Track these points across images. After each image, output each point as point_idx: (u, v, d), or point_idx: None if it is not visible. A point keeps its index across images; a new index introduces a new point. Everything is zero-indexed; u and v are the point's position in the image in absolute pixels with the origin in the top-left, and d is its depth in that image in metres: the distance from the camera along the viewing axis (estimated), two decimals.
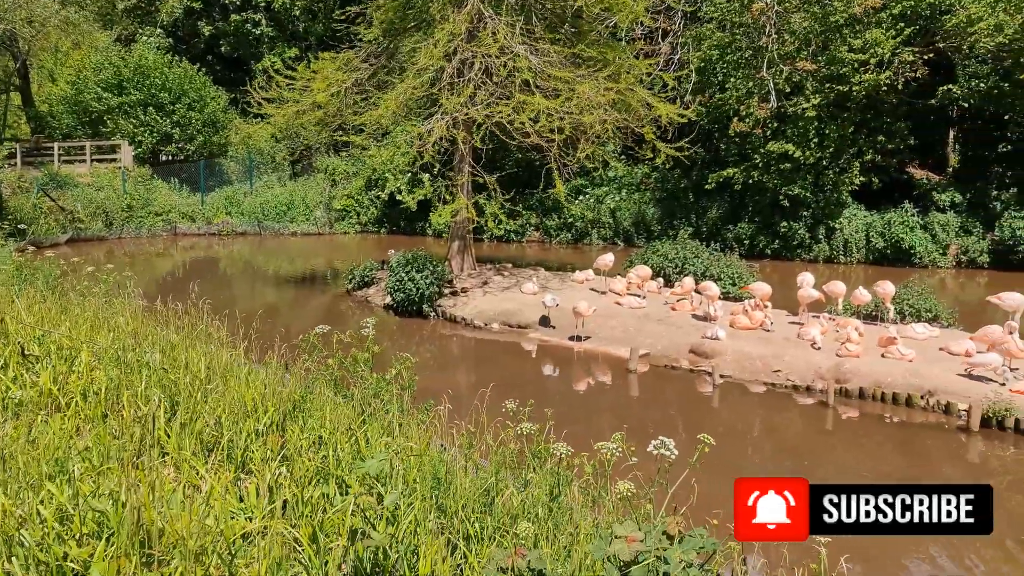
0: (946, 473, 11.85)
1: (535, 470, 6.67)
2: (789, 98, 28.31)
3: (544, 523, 5.40)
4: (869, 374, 14.82)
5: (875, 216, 28.62)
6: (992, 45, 26.91)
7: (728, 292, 20.98)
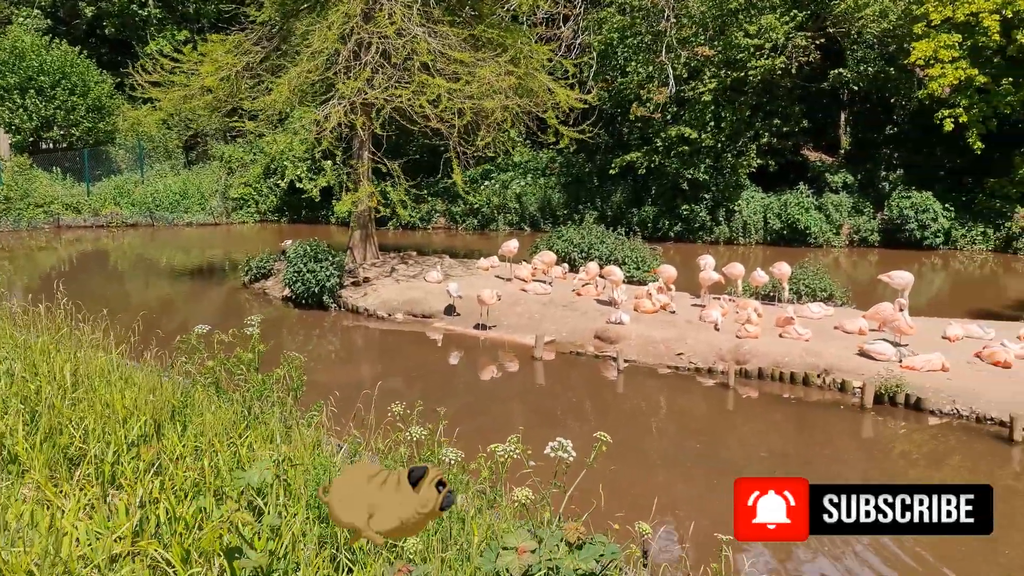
0: (841, 450, 12.12)
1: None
2: (687, 82, 28.68)
3: (434, 534, 5.10)
4: (768, 354, 15.08)
5: (772, 198, 29.34)
6: (878, 30, 27.88)
7: (632, 276, 21.08)
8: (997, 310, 19.34)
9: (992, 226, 26.83)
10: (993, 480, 11.01)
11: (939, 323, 16.14)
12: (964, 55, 25.59)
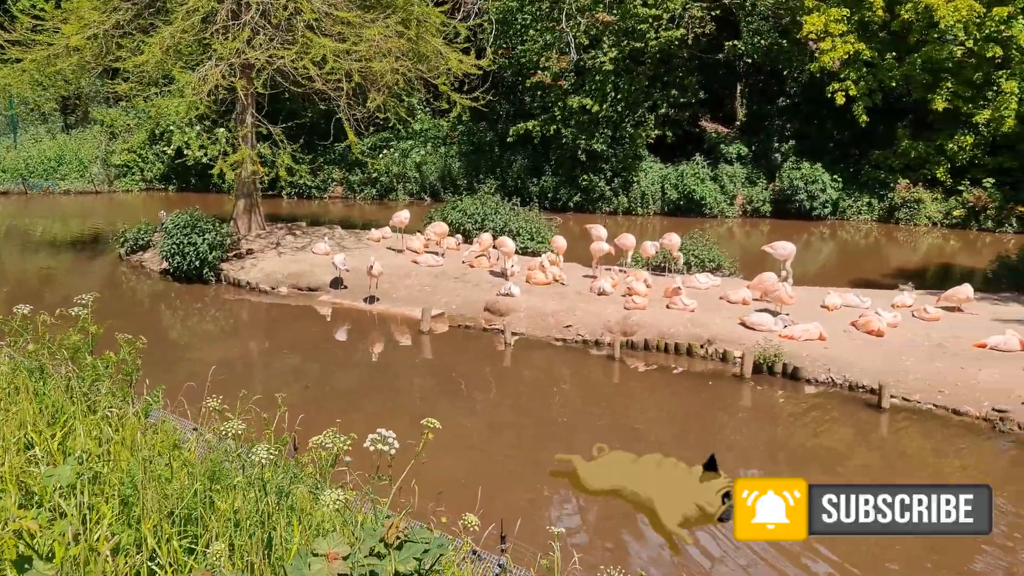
0: (720, 419, 12.20)
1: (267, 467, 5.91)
2: (587, 51, 28.46)
3: (251, 536, 4.67)
4: (654, 325, 15.09)
5: (670, 168, 29.55)
6: (771, 3, 28.21)
7: (527, 247, 20.86)
8: (877, 279, 19.93)
9: (876, 197, 27.69)
10: (857, 447, 11.27)
11: (819, 292, 16.47)
12: (852, 29, 26.15)
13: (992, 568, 8.35)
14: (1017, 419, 11.27)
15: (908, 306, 15.38)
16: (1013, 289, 17.00)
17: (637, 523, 9.14)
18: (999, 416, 11.39)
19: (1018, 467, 10.58)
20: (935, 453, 11.06)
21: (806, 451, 11.18)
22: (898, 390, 12.27)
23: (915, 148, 26.78)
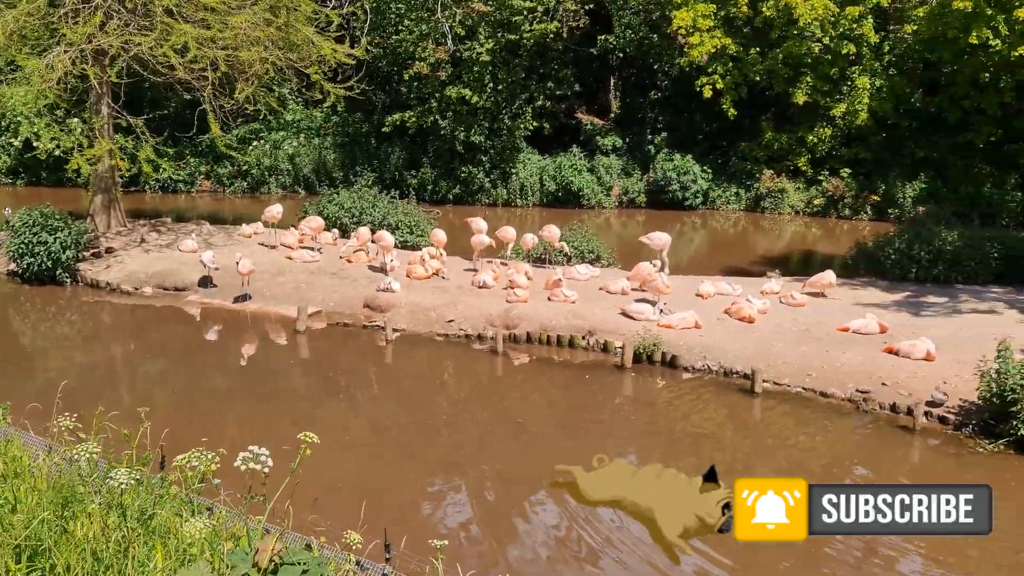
0: (602, 409, 12.31)
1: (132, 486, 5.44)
2: (464, 42, 28.26)
3: (105, 571, 4.26)
4: (536, 318, 15.10)
5: (547, 160, 29.78)
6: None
7: (407, 241, 20.51)
8: (747, 266, 20.69)
9: (743, 187, 28.80)
10: (732, 430, 11.62)
11: (694, 281, 16.91)
12: (719, 25, 27.04)
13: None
14: (878, 399, 11.88)
15: (776, 293, 16.00)
16: (870, 274, 17.97)
17: (521, 521, 9.09)
18: (862, 397, 11.98)
19: (873, 442, 11.14)
20: (804, 434, 11.52)
21: (684, 436, 11.43)
22: (769, 375, 12.72)
23: (778, 140, 28.00)
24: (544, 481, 9.97)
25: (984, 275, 17.03)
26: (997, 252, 17.09)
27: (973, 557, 8.44)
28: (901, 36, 28.01)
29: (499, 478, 10.14)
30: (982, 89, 25.65)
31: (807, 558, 8.35)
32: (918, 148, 27.10)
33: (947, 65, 26.08)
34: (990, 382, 10.70)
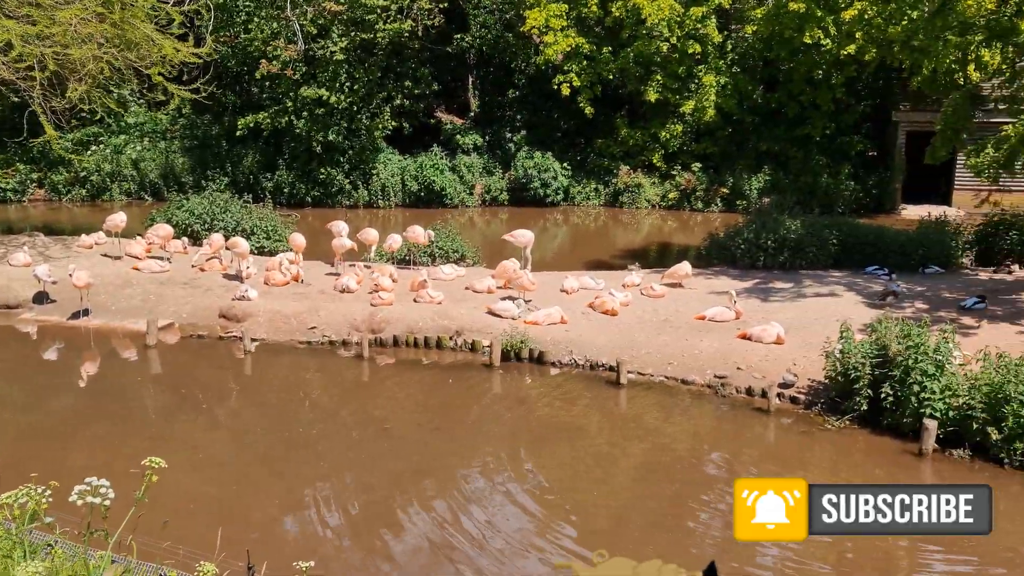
0: (472, 408, 12.23)
1: None
2: (317, 41, 27.54)
3: None
4: (402, 320, 14.87)
5: (408, 160, 29.48)
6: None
7: (264, 247, 19.76)
8: (608, 260, 21.16)
9: (602, 183, 29.46)
10: (600, 420, 11.81)
11: (558, 277, 17.11)
12: (571, 24, 27.54)
13: None
14: (734, 383, 12.39)
15: (637, 285, 16.41)
16: (722, 263, 18.74)
17: (393, 531, 8.88)
18: (720, 382, 12.46)
19: (732, 424, 11.60)
20: (668, 420, 11.85)
21: (555, 430, 11.51)
22: (633, 365, 13.03)
23: (633, 136, 28.82)
24: (418, 485, 9.81)
25: (824, 260, 18.09)
26: (835, 238, 18.18)
27: None
28: (742, 36, 29.43)
29: (370, 487, 9.89)
30: (816, 86, 27.33)
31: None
32: (761, 142, 28.55)
33: (784, 63, 27.60)
34: (835, 362, 11.34)
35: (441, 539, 8.69)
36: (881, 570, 8.35)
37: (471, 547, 8.51)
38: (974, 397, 10.05)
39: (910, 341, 10.62)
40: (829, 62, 26.54)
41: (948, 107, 15.84)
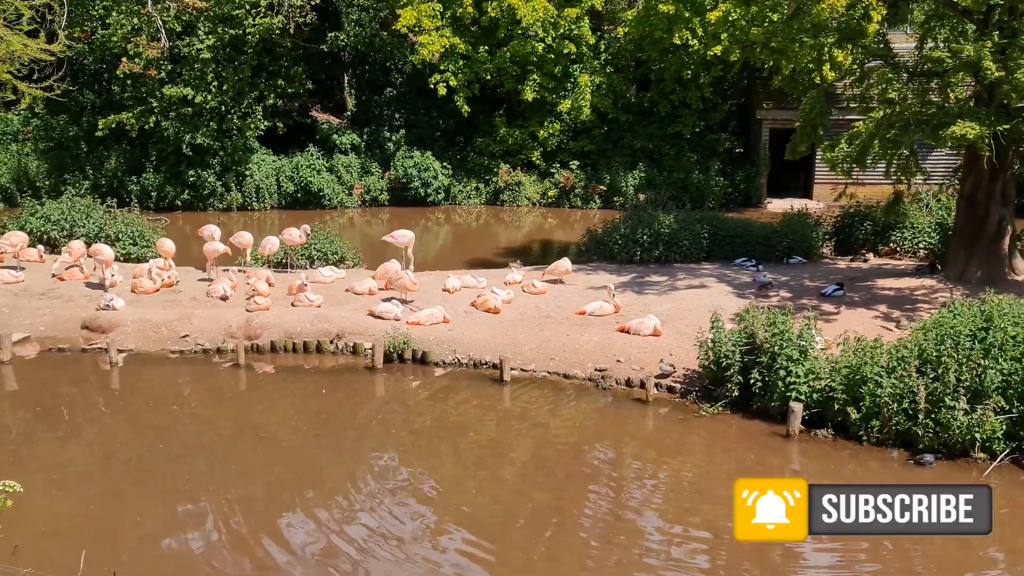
0: (356, 412, 12.01)
1: None
2: (181, 38, 26.43)
3: None
4: (280, 325, 14.47)
5: (284, 160, 28.74)
6: None
7: (130, 254, 18.81)
8: (490, 258, 21.26)
9: (482, 182, 29.58)
10: (485, 418, 11.84)
11: (440, 276, 17.08)
12: (446, 24, 27.49)
13: None
14: (615, 376, 12.68)
15: (518, 282, 16.55)
16: (601, 259, 19.15)
17: (275, 541, 8.63)
18: (600, 375, 12.73)
19: (613, 415, 11.87)
20: (553, 414, 12.00)
21: (440, 430, 11.45)
22: (516, 362, 13.13)
23: (512, 135, 29.06)
24: (301, 494, 9.56)
25: (697, 254, 18.76)
26: (706, 232, 18.88)
27: None
28: (614, 37, 30.16)
29: (250, 498, 9.56)
30: (686, 85, 28.33)
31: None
32: (636, 140, 29.35)
33: (655, 63, 28.45)
34: (707, 351, 11.77)
35: (327, 548, 8.50)
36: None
37: (358, 554, 8.36)
38: (835, 379, 10.64)
39: (776, 328, 11.14)
40: (697, 62, 27.57)
41: (806, 105, 16.66)
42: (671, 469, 10.40)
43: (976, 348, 10.05)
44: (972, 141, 13.59)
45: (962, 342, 10.12)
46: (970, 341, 10.16)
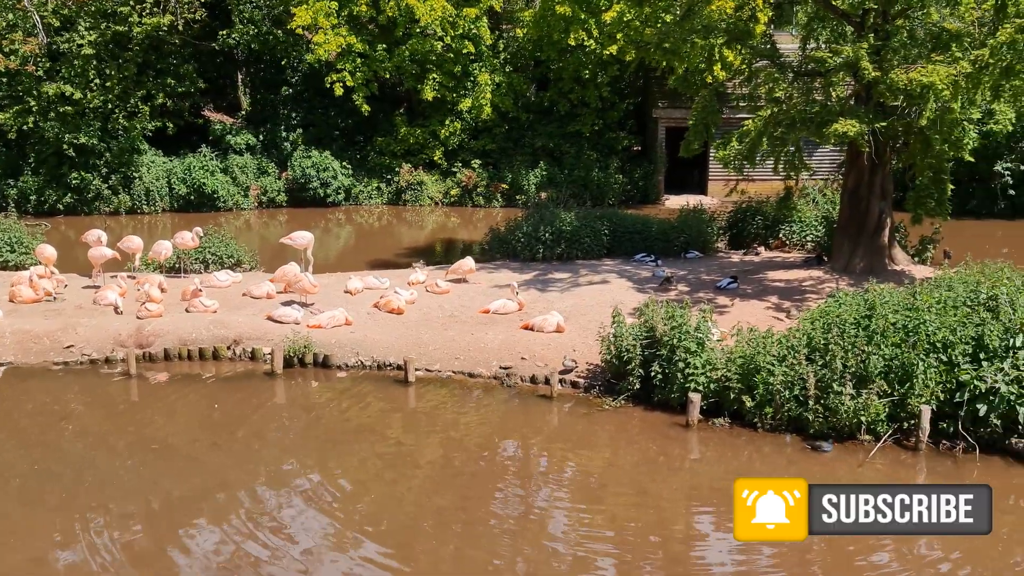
0: (257, 419, 11.68)
1: None
2: (60, 33, 25.15)
3: None
4: (174, 332, 13.94)
5: (175, 162, 27.73)
6: None
7: (8, 261, 17.79)
8: (393, 259, 21.04)
9: (384, 181, 29.27)
10: (391, 420, 11.71)
11: (341, 278, 16.80)
12: (343, 23, 27.05)
13: None
14: (519, 373, 12.74)
15: (422, 282, 16.43)
16: (504, 257, 19.23)
17: (180, 552, 8.31)
18: (505, 373, 12.77)
19: (519, 412, 11.92)
20: (459, 414, 11.96)
21: (344, 434, 11.25)
22: (421, 363, 13.04)
23: (413, 135, 28.86)
24: (201, 505, 9.23)
25: (598, 250, 19.05)
26: (607, 229, 19.21)
27: None
28: (513, 36, 30.33)
29: (149, 513, 9.17)
30: (584, 84, 28.76)
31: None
32: (536, 139, 29.61)
33: (554, 63, 28.77)
34: (609, 346, 11.96)
35: (231, 558, 8.23)
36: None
37: (265, 563, 8.13)
38: (730, 370, 10.98)
39: (674, 322, 11.41)
40: (594, 62, 28.03)
41: (698, 104, 17.12)
42: (577, 464, 10.52)
43: (860, 335, 10.55)
44: (853, 138, 14.26)
45: (847, 330, 10.61)
46: (854, 329, 10.66)
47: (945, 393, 10.22)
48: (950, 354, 10.28)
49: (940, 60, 13.79)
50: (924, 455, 10.15)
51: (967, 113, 15.43)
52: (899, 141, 16.05)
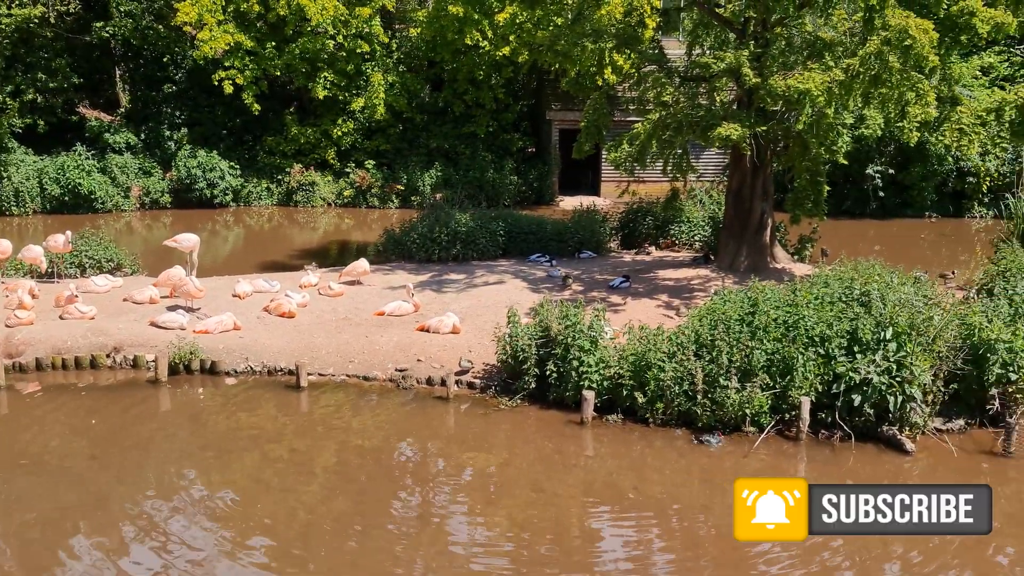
0: (141, 429, 11.17)
1: None
2: None
3: None
4: (47, 341, 13.18)
5: (47, 161, 26.27)
6: None
7: None
8: (284, 261, 20.55)
9: (274, 182, 28.56)
10: (283, 426, 11.42)
11: (229, 281, 16.28)
12: (230, 19, 26.24)
13: None
14: (416, 375, 12.65)
15: (314, 285, 16.10)
16: (399, 258, 19.05)
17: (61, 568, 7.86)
18: (401, 375, 12.64)
19: (417, 414, 11.83)
20: (354, 418, 11.76)
21: (234, 443, 10.90)
22: (314, 367, 12.77)
23: (304, 134, 28.28)
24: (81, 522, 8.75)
25: (494, 251, 19.12)
26: (502, 230, 19.30)
27: None
28: (407, 36, 30.11)
29: (19, 534, 8.61)
30: (479, 86, 28.84)
31: None
32: (431, 139, 29.51)
33: (448, 64, 28.73)
34: (505, 346, 12.02)
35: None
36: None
37: (160, 568, 7.79)
38: (623, 367, 11.20)
39: (568, 321, 11.56)
40: (488, 63, 28.12)
41: (589, 107, 17.42)
42: (474, 465, 10.51)
43: (744, 331, 10.96)
44: (735, 141, 14.80)
45: (732, 326, 11.01)
46: (739, 325, 11.06)
47: (823, 385, 10.72)
48: (827, 347, 10.79)
49: (815, 68, 14.47)
50: (804, 444, 10.63)
51: (840, 118, 16.21)
52: (779, 144, 16.76)
